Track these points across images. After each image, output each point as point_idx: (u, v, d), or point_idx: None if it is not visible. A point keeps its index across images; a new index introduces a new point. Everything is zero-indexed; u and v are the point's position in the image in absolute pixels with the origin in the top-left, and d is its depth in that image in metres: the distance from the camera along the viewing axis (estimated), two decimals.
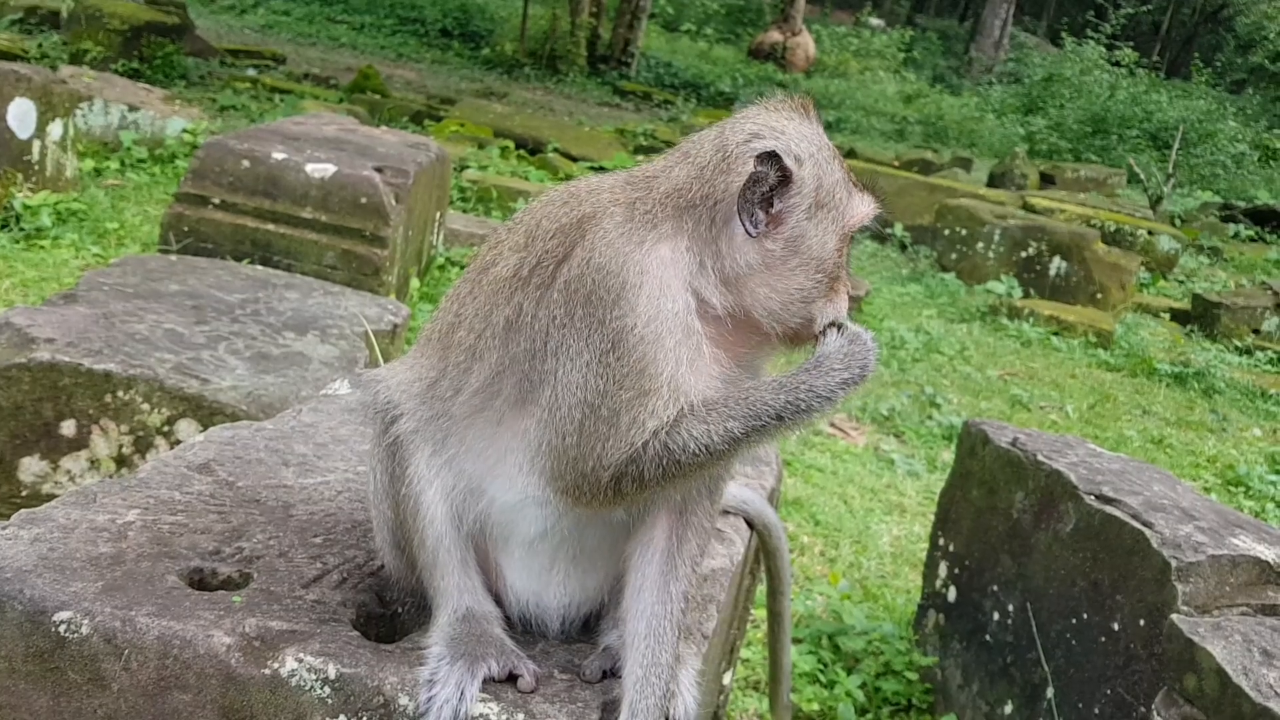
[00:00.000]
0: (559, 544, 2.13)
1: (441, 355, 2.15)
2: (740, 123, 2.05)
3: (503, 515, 2.11)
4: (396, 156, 7.92)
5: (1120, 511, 3.93)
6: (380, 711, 1.96)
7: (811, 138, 2.04)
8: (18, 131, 8.38)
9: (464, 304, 2.12)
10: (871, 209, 2.12)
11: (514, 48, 27.41)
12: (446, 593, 2.13)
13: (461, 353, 2.08)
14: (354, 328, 5.03)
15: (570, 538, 2.13)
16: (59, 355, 4.13)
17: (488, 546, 2.17)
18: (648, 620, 2.04)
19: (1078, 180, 21.97)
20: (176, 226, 7.17)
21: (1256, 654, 3.26)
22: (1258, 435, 9.63)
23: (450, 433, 2.10)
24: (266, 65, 19.35)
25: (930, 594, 4.95)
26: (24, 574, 2.10)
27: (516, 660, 2.04)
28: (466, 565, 2.15)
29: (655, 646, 2.04)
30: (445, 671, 1.97)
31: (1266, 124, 33.18)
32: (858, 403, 8.38)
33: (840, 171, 2.09)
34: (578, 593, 2.21)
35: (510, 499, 2.07)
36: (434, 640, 2.04)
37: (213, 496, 2.57)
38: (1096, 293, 13.08)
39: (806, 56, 33.75)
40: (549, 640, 2.21)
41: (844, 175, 2.10)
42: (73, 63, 14.22)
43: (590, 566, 2.19)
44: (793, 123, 2.04)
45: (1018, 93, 33.67)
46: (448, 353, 2.13)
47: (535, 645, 2.17)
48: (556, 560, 2.16)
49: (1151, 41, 42.92)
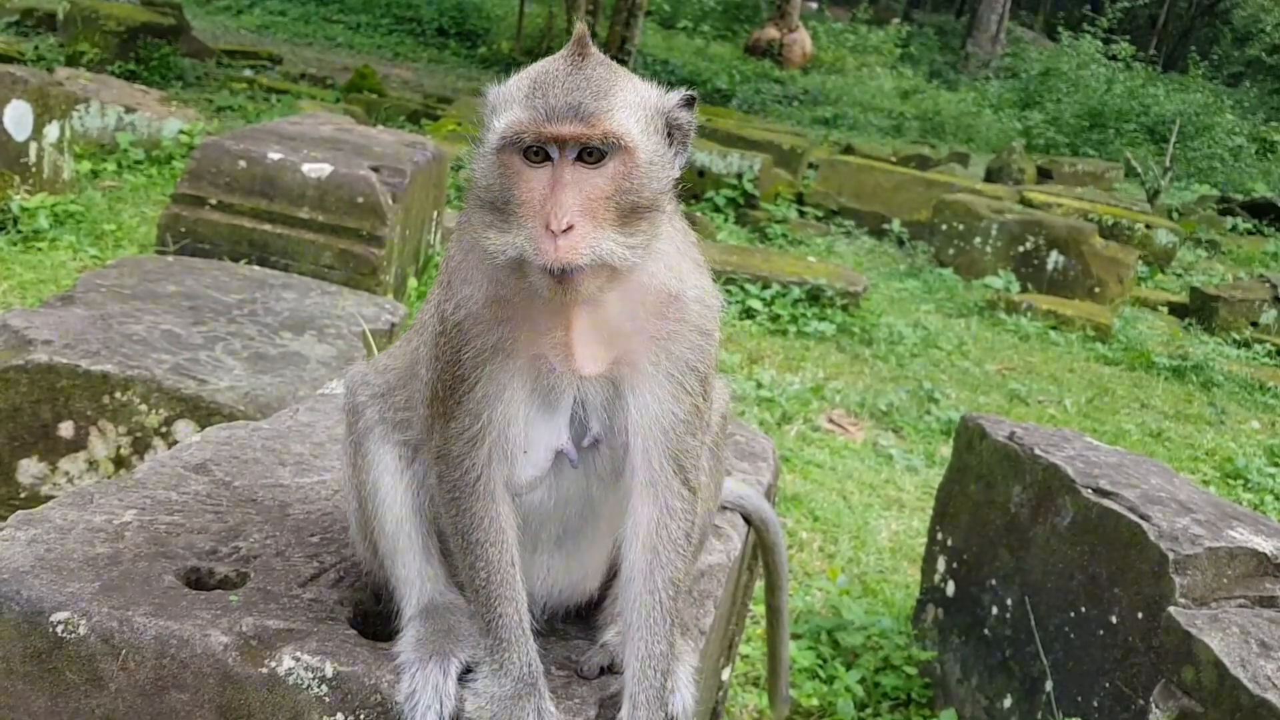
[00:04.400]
0: (540, 525, 2.15)
1: (404, 345, 2.27)
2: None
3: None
4: (393, 156, 7.92)
5: (1118, 505, 3.93)
6: (378, 710, 1.96)
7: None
8: (14, 134, 8.38)
9: (426, 301, 2.26)
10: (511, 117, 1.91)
11: (510, 46, 27.40)
12: (409, 581, 2.15)
13: (419, 341, 2.20)
14: (351, 327, 5.03)
15: (551, 519, 2.15)
16: (56, 357, 4.13)
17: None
18: (638, 610, 2.07)
19: (1075, 174, 21.95)
20: (173, 227, 7.17)
21: (1254, 646, 3.27)
22: (1256, 428, 9.63)
23: (412, 422, 2.18)
24: (262, 66, 19.34)
25: (929, 588, 4.95)
26: (21, 575, 2.10)
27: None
28: (429, 553, 2.17)
29: (648, 637, 2.05)
30: (420, 678, 1.98)
31: (1263, 117, 33.21)
32: (856, 398, 8.38)
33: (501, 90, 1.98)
34: (562, 577, 2.23)
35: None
36: (402, 646, 2.05)
37: (209, 496, 2.57)
38: (1094, 287, 13.08)
39: (803, 53, 33.74)
40: (547, 638, 2.21)
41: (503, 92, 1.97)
42: (69, 65, 14.20)
43: (575, 550, 2.20)
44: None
45: (1014, 87, 33.65)
46: (409, 343, 2.26)
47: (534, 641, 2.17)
48: (539, 543, 2.17)
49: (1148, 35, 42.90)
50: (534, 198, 1.87)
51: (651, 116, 1.97)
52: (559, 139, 1.86)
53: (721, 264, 10.29)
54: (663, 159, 1.98)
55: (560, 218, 1.83)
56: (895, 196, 15.49)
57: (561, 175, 1.86)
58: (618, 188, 1.89)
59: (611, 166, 1.89)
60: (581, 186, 1.87)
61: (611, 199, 1.89)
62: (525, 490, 2.09)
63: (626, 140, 1.89)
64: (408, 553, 2.14)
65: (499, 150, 1.91)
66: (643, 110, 1.96)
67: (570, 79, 1.90)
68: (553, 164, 1.88)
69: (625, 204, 1.90)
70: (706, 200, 14.15)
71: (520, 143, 1.88)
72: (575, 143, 1.87)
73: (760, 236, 13.65)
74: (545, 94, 1.88)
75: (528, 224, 1.87)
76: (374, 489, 2.17)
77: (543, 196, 1.86)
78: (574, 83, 1.89)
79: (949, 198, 14.02)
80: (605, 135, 1.87)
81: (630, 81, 1.98)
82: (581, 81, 1.90)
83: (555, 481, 2.10)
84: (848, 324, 10.10)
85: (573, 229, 1.84)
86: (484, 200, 1.95)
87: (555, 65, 1.94)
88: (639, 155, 1.91)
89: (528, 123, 1.86)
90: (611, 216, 1.89)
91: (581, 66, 1.92)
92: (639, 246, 1.92)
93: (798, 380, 8.44)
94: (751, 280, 10.26)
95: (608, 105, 1.89)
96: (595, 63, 1.95)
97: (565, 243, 1.82)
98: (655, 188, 1.95)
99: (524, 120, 1.87)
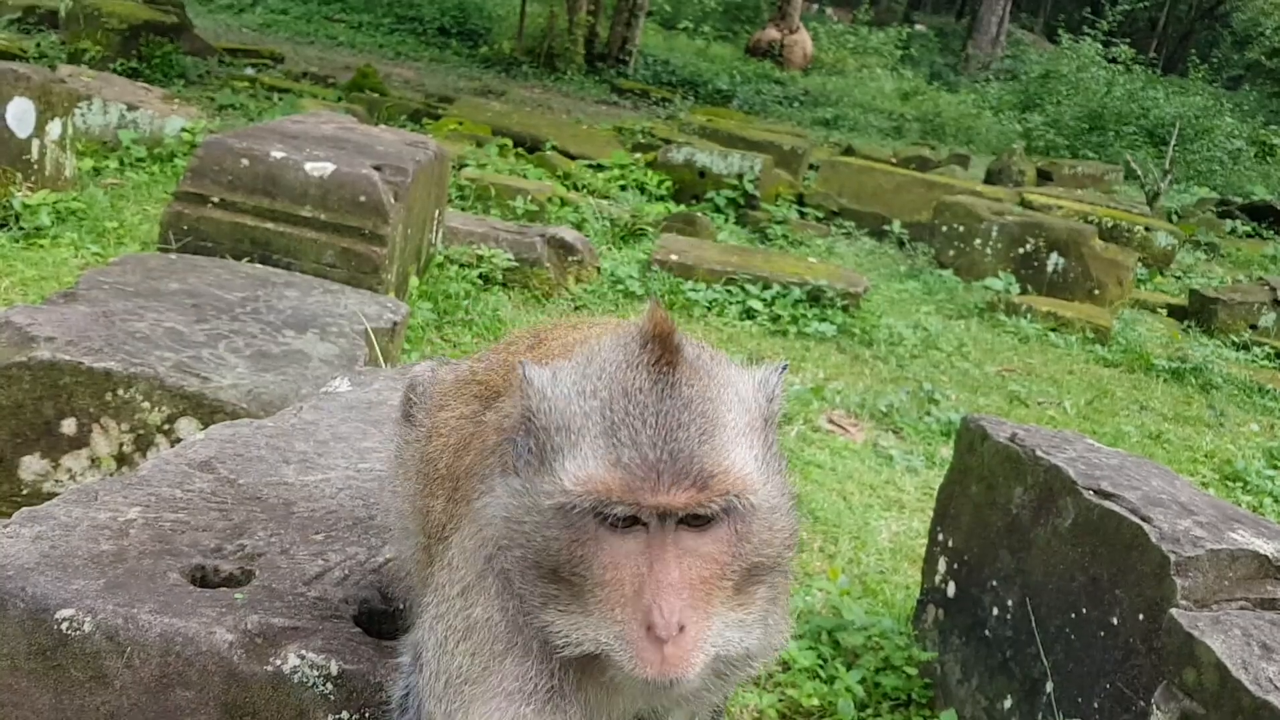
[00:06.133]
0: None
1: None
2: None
3: None
4: (395, 155, 7.92)
5: (1119, 506, 3.93)
6: (382, 708, 1.97)
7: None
8: (16, 131, 8.38)
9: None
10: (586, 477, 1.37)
11: (512, 46, 27.39)
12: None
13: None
14: (353, 326, 5.03)
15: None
16: (59, 354, 4.13)
17: None
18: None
19: (1075, 177, 21.95)
20: (176, 225, 7.17)
21: (1256, 648, 3.27)
22: (1255, 430, 9.64)
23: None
24: (265, 64, 19.33)
25: (929, 589, 4.96)
26: (26, 572, 2.11)
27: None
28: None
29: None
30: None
31: (1263, 120, 33.18)
32: (857, 399, 8.39)
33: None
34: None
35: None
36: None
37: (214, 494, 2.57)
38: (1094, 289, 13.09)
39: (804, 54, 33.74)
40: None
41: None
42: (71, 62, 14.20)
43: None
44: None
45: (1015, 89, 33.64)
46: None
47: None
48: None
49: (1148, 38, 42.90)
50: (623, 578, 1.40)
51: (761, 430, 1.50)
52: (666, 512, 1.39)
53: (722, 264, 10.31)
54: (783, 496, 1.51)
55: (671, 619, 1.36)
56: (896, 198, 15.49)
57: (664, 554, 1.38)
58: (735, 553, 1.44)
59: (725, 527, 1.43)
60: (689, 564, 1.40)
61: (726, 571, 1.44)
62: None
63: (750, 495, 1.43)
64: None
65: (569, 513, 1.41)
66: (751, 430, 1.47)
67: (665, 413, 1.39)
68: (646, 531, 1.40)
69: (742, 571, 1.46)
70: (707, 201, 14.15)
71: (607, 515, 1.40)
72: (685, 510, 1.40)
73: (761, 237, 13.65)
74: (636, 442, 1.37)
75: (617, 616, 1.40)
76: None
77: (636, 579, 1.39)
78: (672, 419, 1.39)
79: (949, 199, 14.02)
80: (726, 495, 1.40)
81: (730, 391, 1.48)
82: (681, 415, 1.39)
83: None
84: (848, 325, 10.11)
85: (684, 629, 1.37)
86: (537, 563, 1.44)
87: (635, 383, 1.42)
88: (761, 506, 1.46)
89: (619, 489, 1.37)
90: (727, 593, 1.44)
91: (672, 383, 1.41)
92: (757, 624, 1.46)
93: (798, 381, 8.44)
94: (752, 281, 10.27)
95: (722, 448, 1.40)
96: (688, 374, 1.44)
97: (675, 651, 1.36)
98: (781, 540, 1.49)
99: (612, 484, 1.37)
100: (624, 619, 1.38)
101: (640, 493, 1.35)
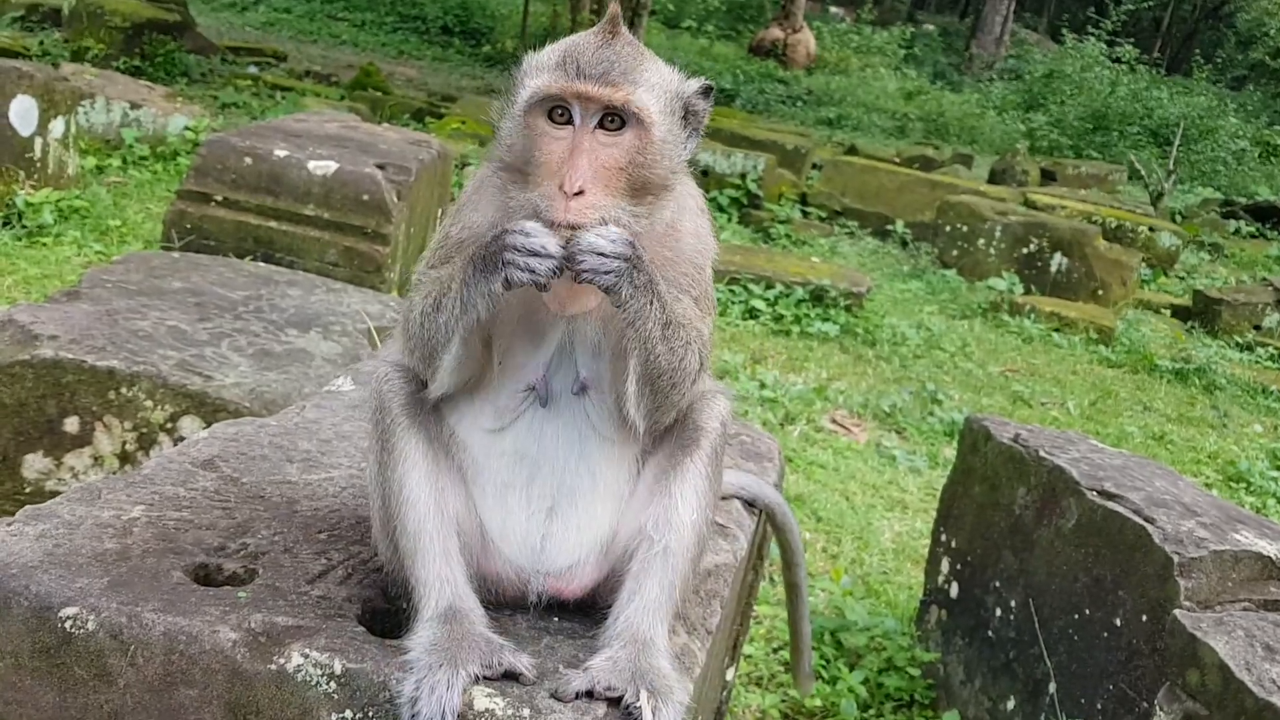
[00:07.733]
0: (528, 481, 2.19)
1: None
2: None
3: (480, 449, 2.20)
4: (398, 154, 7.92)
5: (1122, 507, 3.93)
6: (386, 707, 1.96)
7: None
8: (20, 129, 8.38)
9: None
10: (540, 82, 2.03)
11: (514, 45, 27.38)
12: (428, 584, 2.11)
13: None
14: (356, 324, 5.03)
15: (539, 475, 2.18)
16: (62, 352, 4.13)
17: (471, 494, 2.21)
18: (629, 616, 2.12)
19: (1079, 177, 21.94)
20: (179, 224, 7.18)
21: (1259, 649, 3.26)
22: (1259, 431, 9.63)
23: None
24: (268, 63, 19.34)
25: (932, 590, 4.95)
26: (30, 570, 2.11)
27: (508, 656, 2.00)
28: (449, 555, 2.13)
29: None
30: (426, 685, 1.93)
31: (1267, 120, 33.18)
32: (859, 400, 8.38)
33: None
34: (554, 554, 2.21)
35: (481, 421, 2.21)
36: (414, 646, 2.02)
37: (217, 493, 2.57)
38: (1098, 289, 13.08)
39: (807, 53, 33.72)
40: (553, 635, 2.20)
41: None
42: (74, 60, 14.21)
43: (567, 522, 2.20)
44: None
45: (1018, 89, 33.62)
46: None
47: (540, 640, 2.17)
48: (530, 502, 2.19)
49: (1152, 38, 42.87)
50: (553, 159, 1.99)
51: (671, 98, 2.10)
52: (584, 97, 1.97)
53: (725, 264, 10.29)
54: (676, 139, 2.10)
55: (574, 180, 1.95)
56: (899, 197, 15.48)
57: (580, 141, 1.98)
58: (631, 160, 2.01)
59: (628, 138, 2.01)
60: (598, 154, 1.98)
61: (625, 170, 2.01)
62: (494, 423, 2.16)
63: (645, 115, 2.01)
64: (429, 553, 2.10)
65: (526, 110, 2.03)
66: (663, 90, 2.08)
67: (600, 51, 2.02)
68: (574, 129, 1.99)
69: (637, 177, 2.02)
70: (710, 200, 14.15)
71: (547, 101, 2.00)
72: (598, 106, 1.99)
73: (764, 237, 13.65)
74: (576, 60, 2.00)
75: (544, 183, 1.99)
76: (399, 485, 2.13)
77: (561, 159, 1.98)
78: (604, 54, 2.01)
79: (953, 199, 14.02)
80: (627, 102, 1.98)
81: (655, 63, 2.11)
82: (611, 55, 2.02)
83: (540, 427, 2.15)
84: (851, 325, 10.10)
85: (584, 193, 1.96)
86: (506, 160, 2.09)
87: (587, 39, 2.06)
88: (655, 131, 2.03)
89: (556, 82, 1.98)
90: (622, 187, 2.01)
91: (612, 43, 2.04)
92: (643, 217, 2.04)
93: (801, 381, 8.44)
94: (755, 280, 10.26)
95: (633, 78, 2.01)
96: (624, 41, 2.06)
97: (576, 205, 1.95)
98: (667, 165, 2.07)
99: (553, 81, 1.99)
100: (547, 184, 1.98)
101: (570, 85, 1.97)
